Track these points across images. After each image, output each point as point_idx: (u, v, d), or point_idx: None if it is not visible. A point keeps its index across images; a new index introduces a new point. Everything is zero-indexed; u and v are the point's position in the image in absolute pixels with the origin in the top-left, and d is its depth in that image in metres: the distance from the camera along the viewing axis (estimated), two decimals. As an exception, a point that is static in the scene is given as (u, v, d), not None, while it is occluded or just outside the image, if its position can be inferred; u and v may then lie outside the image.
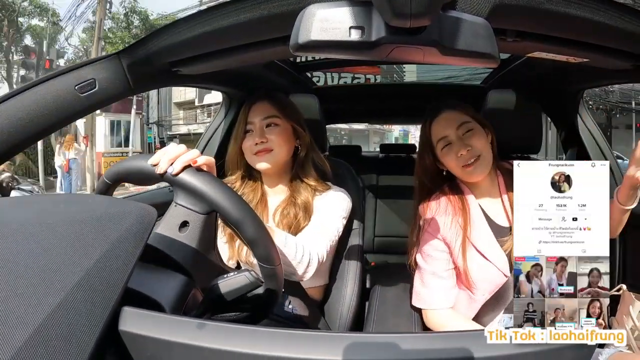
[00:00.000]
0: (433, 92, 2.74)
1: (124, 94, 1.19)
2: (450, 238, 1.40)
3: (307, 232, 1.38)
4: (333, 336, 0.65)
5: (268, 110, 1.46)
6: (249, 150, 1.44)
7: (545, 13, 0.84)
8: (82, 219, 0.70)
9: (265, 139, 1.42)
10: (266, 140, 1.42)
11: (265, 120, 1.44)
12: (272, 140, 1.42)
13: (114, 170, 0.93)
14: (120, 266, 0.65)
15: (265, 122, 1.44)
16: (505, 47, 0.99)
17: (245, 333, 0.64)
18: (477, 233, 1.37)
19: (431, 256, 1.42)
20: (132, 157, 0.92)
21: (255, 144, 1.41)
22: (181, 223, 0.88)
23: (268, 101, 1.48)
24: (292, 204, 1.45)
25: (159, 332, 0.64)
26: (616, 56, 1.04)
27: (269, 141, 1.42)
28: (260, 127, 1.44)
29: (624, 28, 0.92)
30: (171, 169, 0.84)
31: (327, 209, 1.45)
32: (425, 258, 1.43)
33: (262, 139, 1.41)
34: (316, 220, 1.42)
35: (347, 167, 1.72)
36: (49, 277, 0.59)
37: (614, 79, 1.47)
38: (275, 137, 1.43)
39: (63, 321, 0.56)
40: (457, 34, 0.72)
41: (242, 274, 0.87)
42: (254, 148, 1.42)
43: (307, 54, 0.76)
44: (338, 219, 1.45)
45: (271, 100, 1.49)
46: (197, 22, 1.01)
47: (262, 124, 1.44)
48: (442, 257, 1.41)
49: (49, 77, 1.08)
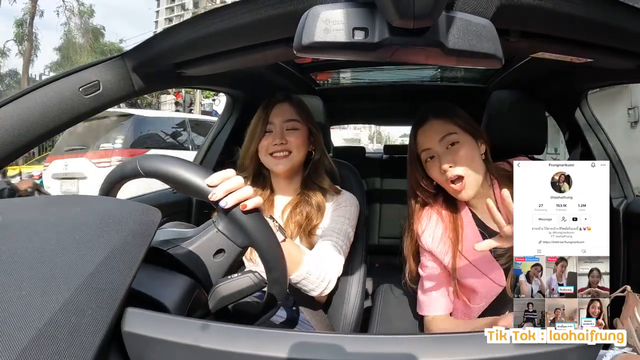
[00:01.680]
0: (437, 93, 2.73)
1: (128, 95, 1.19)
2: (440, 253, 1.37)
3: (325, 248, 1.40)
4: (337, 337, 0.65)
5: (289, 113, 1.49)
6: (265, 149, 1.46)
7: (549, 13, 0.84)
8: (86, 220, 0.70)
9: (285, 140, 1.45)
10: (286, 142, 1.45)
11: (287, 123, 1.48)
12: (291, 143, 1.46)
13: (162, 168, 0.85)
14: (124, 267, 0.65)
15: (287, 125, 1.47)
16: (509, 47, 0.99)
17: (248, 334, 0.65)
18: (469, 247, 1.32)
19: (427, 266, 1.41)
20: (189, 164, 0.86)
21: (274, 144, 1.44)
22: (218, 250, 0.88)
23: (289, 104, 1.51)
24: (306, 202, 1.48)
25: (162, 333, 0.65)
26: (621, 56, 1.04)
27: (288, 143, 1.45)
28: (281, 128, 1.46)
29: (629, 28, 0.91)
30: (224, 203, 0.84)
31: (341, 219, 1.47)
32: (423, 268, 1.42)
33: (282, 140, 1.44)
34: (332, 234, 1.44)
35: (352, 169, 1.73)
36: (54, 278, 0.59)
37: (619, 79, 1.46)
38: (295, 140, 1.46)
39: (67, 322, 0.57)
40: (460, 35, 0.72)
41: (246, 275, 0.87)
42: (272, 148, 1.45)
43: (311, 55, 0.76)
44: (351, 230, 1.48)
45: (291, 102, 1.52)
46: (202, 24, 1.01)
47: (283, 126, 1.47)
48: (437, 267, 1.39)
49: (53, 78, 1.08)
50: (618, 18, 0.89)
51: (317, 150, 1.54)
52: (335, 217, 1.47)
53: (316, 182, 1.51)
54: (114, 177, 0.93)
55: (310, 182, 1.52)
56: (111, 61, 1.15)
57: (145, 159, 0.87)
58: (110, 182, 0.94)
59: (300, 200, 1.49)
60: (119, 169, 0.93)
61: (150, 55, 1.15)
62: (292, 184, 1.54)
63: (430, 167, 1.35)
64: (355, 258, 1.56)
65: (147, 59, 1.16)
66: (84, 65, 1.12)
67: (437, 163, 1.31)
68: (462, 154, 1.29)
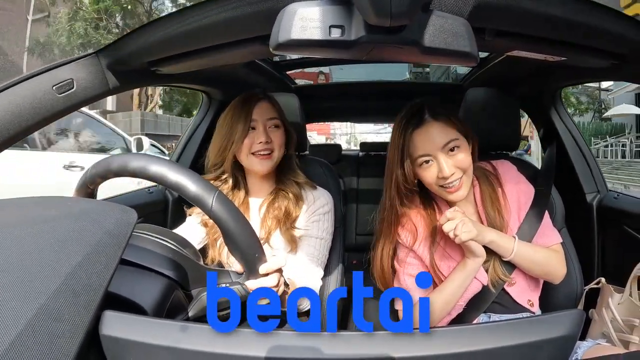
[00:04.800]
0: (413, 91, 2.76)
1: (102, 94, 1.17)
2: (420, 251, 1.37)
3: (305, 263, 1.44)
4: (316, 336, 0.65)
5: (270, 112, 1.48)
6: (248, 148, 1.44)
7: (524, 12, 0.85)
8: (61, 221, 0.69)
9: (270, 139, 1.44)
10: (270, 140, 1.44)
11: (270, 121, 1.46)
12: (275, 142, 1.45)
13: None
14: (101, 269, 0.64)
15: (269, 123, 1.46)
16: (485, 46, 0.99)
17: (228, 335, 0.64)
18: (451, 247, 1.33)
19: (406, 262, 1.39)
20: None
21: (258, 143, 1.42)
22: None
23: (269, 102, 1.49)
24: (283, 197, 1.48)
25: (142, 335, 0.64)
26: (593, 55, 1.06)
27: (272, 142, 1.44)
28: (264, 127, 1.45)
29: (601, 27, 0.93)
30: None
31: (321, 226, 1.49)
32: (400, 263, 1.40)
33: (268, 138, 1.43)
34: (313, 243, 1.47)
35: (328, 166, 1.73)
36: (29, 281, 0.58)
37: (592, 77, 1.49)
38: (277, 139, 1.46)
39: (44, 327, 0.55)
40: (436, 33, 0.72)
41: (234, 287, 0.87)
42: (256, 147, 1.43)
43: (287, 53, 0.76)
44: (330, 236, 1.52)
45: (270, 101, 1.50)
46: (176, 21, 1.00)
47: (266, 125, 1.46)
48: (417, 263, 1.38)
49: (25, 77, 1.05)
50: (591, 17, 0.91)
51: (291, 147, 1.55)
52: (315, 225, 1.48)
53: (292, 178, 1.52)
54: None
55: (284, 178, 1.52)
56: (85, 59, 1.13)
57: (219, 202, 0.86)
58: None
59: (276, 196, 1.48)
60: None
61: (124, 53, 1.13)
62: (267, 183, 1.54)
63: (424, 171, 1.29)
64: (332, 256, 1.57)
65: (122, 57, 1.14)
66: (57, 63, 1.09)
67: (434, 168, 1.27)
68: (461, 158, 1.26)
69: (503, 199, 1.37)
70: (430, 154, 1.26)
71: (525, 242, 1.30)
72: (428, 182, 1.30)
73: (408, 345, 0.63)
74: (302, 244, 1.46)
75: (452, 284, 1.28)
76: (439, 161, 1.25)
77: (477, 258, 1.25)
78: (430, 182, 1.29)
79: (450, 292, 1.28)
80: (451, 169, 1.25)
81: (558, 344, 0.64)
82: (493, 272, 1.30)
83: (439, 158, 1.25)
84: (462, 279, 1.27)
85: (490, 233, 1.27)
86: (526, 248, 1.28)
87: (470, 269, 1.26)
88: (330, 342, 0.63)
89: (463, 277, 1.27)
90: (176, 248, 0.92)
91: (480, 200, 1.37)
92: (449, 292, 1.28)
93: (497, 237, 1.27)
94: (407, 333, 0.64)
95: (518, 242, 1.28)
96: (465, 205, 1.37)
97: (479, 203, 1.37)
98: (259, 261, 0.90)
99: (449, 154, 1.26)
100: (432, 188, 1.31)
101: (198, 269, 0.92)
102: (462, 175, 1.26)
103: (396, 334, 0.64)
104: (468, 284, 1.28)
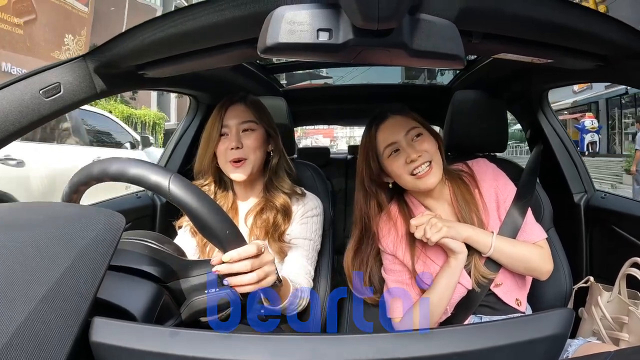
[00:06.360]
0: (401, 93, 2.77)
1: (90, 97, 1.16)
2: (401, 256, 1.38)
3: (295, 263, 1.42)
4: (308, 339, 0.65)
5: (244, 114, 1.44)
6: (223, 155, 1.41)
7: (511, 15, 0.86)
8: (49, 226, 0.68)
9: (241, 144, 1.40)
10: (242, 145, 1.40)
11: (242, 124, 1.43)
12: (248, 146, 1.41)
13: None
14: (89, 275, 0.64)
15: (242, 127, 1.43)
16: (472, 48, 1.01)
17: (218, 339, 0.64)
18: (432, 252, 1.35)
19: (392, 270, 1.40)
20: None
21: (230, 149, 1.39)
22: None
23: (244, 104, 1.46)
24: (270, 207, 1.44)
25: (131, 341, 0.63)
26: (579, 57, 1.07)
27: (244, 147, 1.40)
28: (236, 131, 1.42)
29: (587, 29, 0.94)
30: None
31: (311, 229, 1.47)
32: (387, 272, 1.42)
33: (238, 144, 1.40)
34: (302, 246, 1.44)
35: (316, 170, 1.73)
36: (15, 289, 0.57)
37: (577, 78, 1.50)
38: (251, 143, 1.42)
39: (32, 335, 0.54)
40: (424, 36, 0.73)
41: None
42: (229, 153, 1.40)
43: (275, 56, 0.76)
44: (319, 239, 1.50)
45: (247, 103, 1.47)
46: (163, 24, 0.99)
47: (239, 129, 1.42)
48: (402, 269, 1.39)
49: (12, 81, 1.04)
50: (576, 20, 0.92)
51: (276, 151, 1.50)
52: (304, 227, 1.46)
53: (278, 186, 1.48)
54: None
55: (272, 187, 1.48)
56: (72, 63, 1.12)
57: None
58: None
59: (265, 206, 1.45)
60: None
61: (111, 57, 1.12)
62: (254, 189, 1.51)
63: (393, 161, 1.34)
64: (322, 259, 1.57)
65: (109, 61, 1.13)
66: (44, 67, 1.09)
67: (402, 156, 1.32)
68: (427, 145, 1.32)
69: (480, 199, 1.38)
70: (395, 141, 1.34)
71: (504, 237, 1.31)
72: (398, 173, 1.34)
73: (408, 345, 0.63)
74: (291, 245, 1.44)
75: (438, 285, 1.29)
76: (404, 146, 1.32)
77: (458, 254, 1.26)
78: (401, 172, 1.33)
79: (438, 294, 1.28)
80: (418, 151, 1.30)
81: (549, 342, 0.65)
82: (476, 272, 1.30)
83: (404, 144, 1.33)
84: (447, 278, 1.28)
85: (465, 228, 1.29)
86: (505, 243, 1.29)
87: (453, 266, 1.28)
88: (322, 344, 0.63)
89: (448, 275, 1.28)
90: (155, 245, 0.92)
91: (455, 202, 1.39)
92: (437, 293, 1.29)
93: (473, 233, 1.29)
94: (407, 333, 0.64)
95: (496, 237, 1.29)
96: (442, 207, 1.40)
97: (455, 204, 1.39)
98: (234, 239, 0.88)
99: (413, 139, 1.34)
100: (404, 180, 1.34)
101: (179, 262, 0.92)
102: (430, 160, 1.30)
103: (396, 335, 0.64)
104: (455, 283, 1.29)
